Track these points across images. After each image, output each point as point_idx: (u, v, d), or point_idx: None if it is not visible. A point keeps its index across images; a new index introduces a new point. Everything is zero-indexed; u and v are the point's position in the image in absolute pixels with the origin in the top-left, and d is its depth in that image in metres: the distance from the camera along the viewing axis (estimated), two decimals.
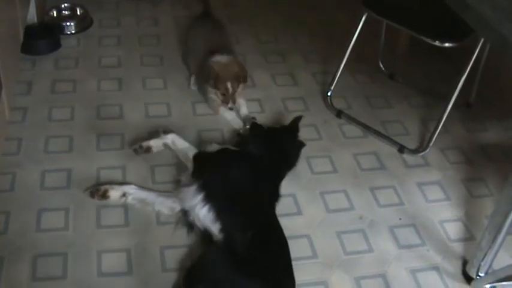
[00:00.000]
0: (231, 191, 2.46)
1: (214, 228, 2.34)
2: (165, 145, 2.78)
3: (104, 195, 2.55)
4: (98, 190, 2.56)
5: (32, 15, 3.46)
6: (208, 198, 2.39)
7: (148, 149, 2.77)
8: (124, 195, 2.56)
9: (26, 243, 2.33)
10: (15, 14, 2.94)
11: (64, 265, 2.27)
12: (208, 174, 2.49)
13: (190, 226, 2.43)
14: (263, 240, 2.30)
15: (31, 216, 2.45)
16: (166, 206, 2.52)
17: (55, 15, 3.76)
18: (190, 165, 2.63)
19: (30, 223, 2.42)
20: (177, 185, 2.62)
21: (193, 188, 2.44)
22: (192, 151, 2.68)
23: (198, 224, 2.39)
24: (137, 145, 2.77)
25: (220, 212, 2.36)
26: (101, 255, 2.33)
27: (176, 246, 2.40)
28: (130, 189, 2.58)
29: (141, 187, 2.61)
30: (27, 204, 2.50)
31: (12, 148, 2.77)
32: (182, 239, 2.43)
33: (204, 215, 2.36)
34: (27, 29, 3.33)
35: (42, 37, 3.47)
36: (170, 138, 2.76)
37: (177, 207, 2.49)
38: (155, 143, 2.78)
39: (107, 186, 2.57)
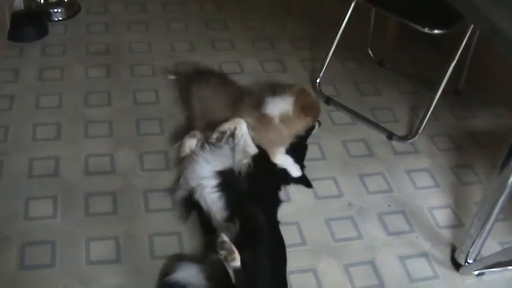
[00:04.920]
0: (246, 187, 2.44)
1: (219, 215, 2.33)
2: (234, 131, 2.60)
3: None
4: None
5: (18, 2, 3.44)
6: (224, 187, 2.39)
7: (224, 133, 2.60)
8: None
9: (14, 232, 2.32)
10: (1, 1, 2.92)
11: (52, 253, 2.26)
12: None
13: (189, 209, 2.43)
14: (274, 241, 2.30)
15: (19, 205, 2.43)
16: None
17: (42, 1, 3.71)
18: (246, 161, 2.50)
19: (18, 211, 2.41)
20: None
21: (213, 170, 2.45)
22: (252, 149, 2.57)
23: (203, 204, 2.37)
24: (217, 133, 2.58)
25: (233, 203, 2.34)
26: (90, 243, 2.32)
27: (165, 233, 2.40)
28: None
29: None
30: (15, 192, 2.49)
31: (0, 136, 2.75)
32: (171, 226, 2.43)
33: (212, 199, 2.36)
34: (14, 16, 3.31)
35: (29, 24, 3.44)
36: (244, 129, 2.59)
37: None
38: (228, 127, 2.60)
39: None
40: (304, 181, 2.70)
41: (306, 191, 2.68)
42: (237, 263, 2.05)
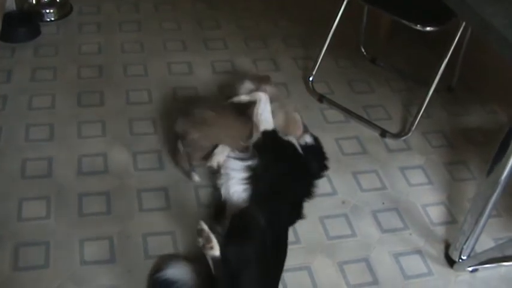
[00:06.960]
0: (275, 184, 2.44)
1: (237, 207, 2.32)
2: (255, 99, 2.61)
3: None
4: None
5: (10, 3, 3.43)
6: (253, 181, 2.39)
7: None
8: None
9: (7, 233, 2.31)
10: None
11: (46, 254, 2.26)
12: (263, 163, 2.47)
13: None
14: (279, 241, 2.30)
15: (12, 205, 2.43)
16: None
17: (34, 2, 3.70)
18: (256, 136, 2.54)
19: (11, 212, 2.40)
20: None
21: (243, 164, 2.46)
22: (267, 125, 2.56)
23: (224, 193, 2.39)
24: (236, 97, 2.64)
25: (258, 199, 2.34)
26: (83, 243, 2.32)
27: (159, 233, 2.40)
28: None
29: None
30: (8, 193, 2.48)
31: None
32: (165, 226, 2.43)
33: (236, 190, 2.37)
34: (6, 17, 3.30)
35: (21, 25, 3.43)
36: (264, 100, 2.59)
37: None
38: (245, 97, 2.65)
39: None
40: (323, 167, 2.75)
41: None
42: (216, 252, 2.05)
